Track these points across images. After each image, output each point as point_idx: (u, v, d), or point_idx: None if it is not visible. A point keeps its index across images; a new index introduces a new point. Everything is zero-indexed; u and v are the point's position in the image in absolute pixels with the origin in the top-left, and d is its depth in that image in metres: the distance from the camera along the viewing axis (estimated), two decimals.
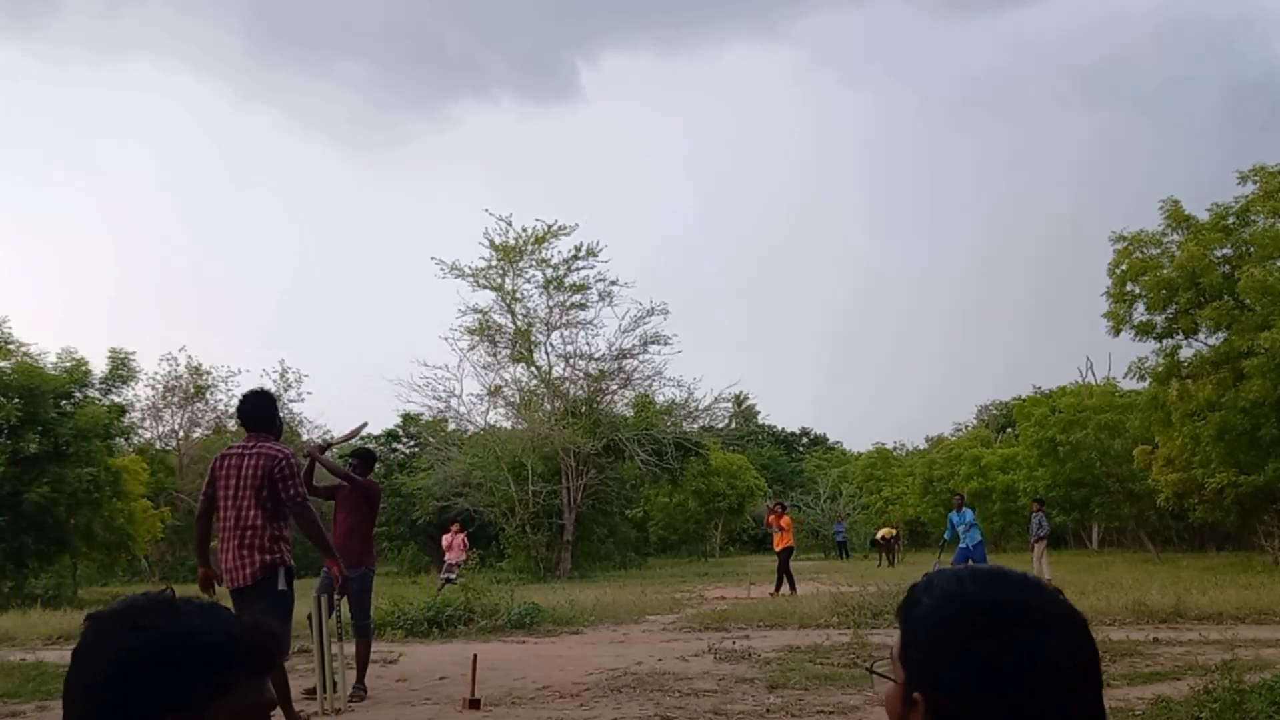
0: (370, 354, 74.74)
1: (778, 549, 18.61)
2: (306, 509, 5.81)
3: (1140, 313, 23.20)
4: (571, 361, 28.86)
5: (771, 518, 19.47)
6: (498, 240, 27.66)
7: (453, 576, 18.22)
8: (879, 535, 34.27)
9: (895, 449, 53.61)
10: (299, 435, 39.05)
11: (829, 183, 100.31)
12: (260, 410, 5.87)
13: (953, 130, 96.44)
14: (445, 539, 19.84)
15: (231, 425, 37.98)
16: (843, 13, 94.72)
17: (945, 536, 18.87)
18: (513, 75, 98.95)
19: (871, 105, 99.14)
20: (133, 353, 24.96)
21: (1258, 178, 21.63)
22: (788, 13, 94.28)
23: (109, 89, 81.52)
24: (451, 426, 31.24)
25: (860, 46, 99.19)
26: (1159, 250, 22.99)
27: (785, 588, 17.55)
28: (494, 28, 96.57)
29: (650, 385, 29.42)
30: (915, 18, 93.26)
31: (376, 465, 34.43)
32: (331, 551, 6.24)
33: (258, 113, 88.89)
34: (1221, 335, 21.77)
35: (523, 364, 28.59)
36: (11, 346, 21.95)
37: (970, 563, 17.31)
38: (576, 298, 27.98)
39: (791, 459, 61.34)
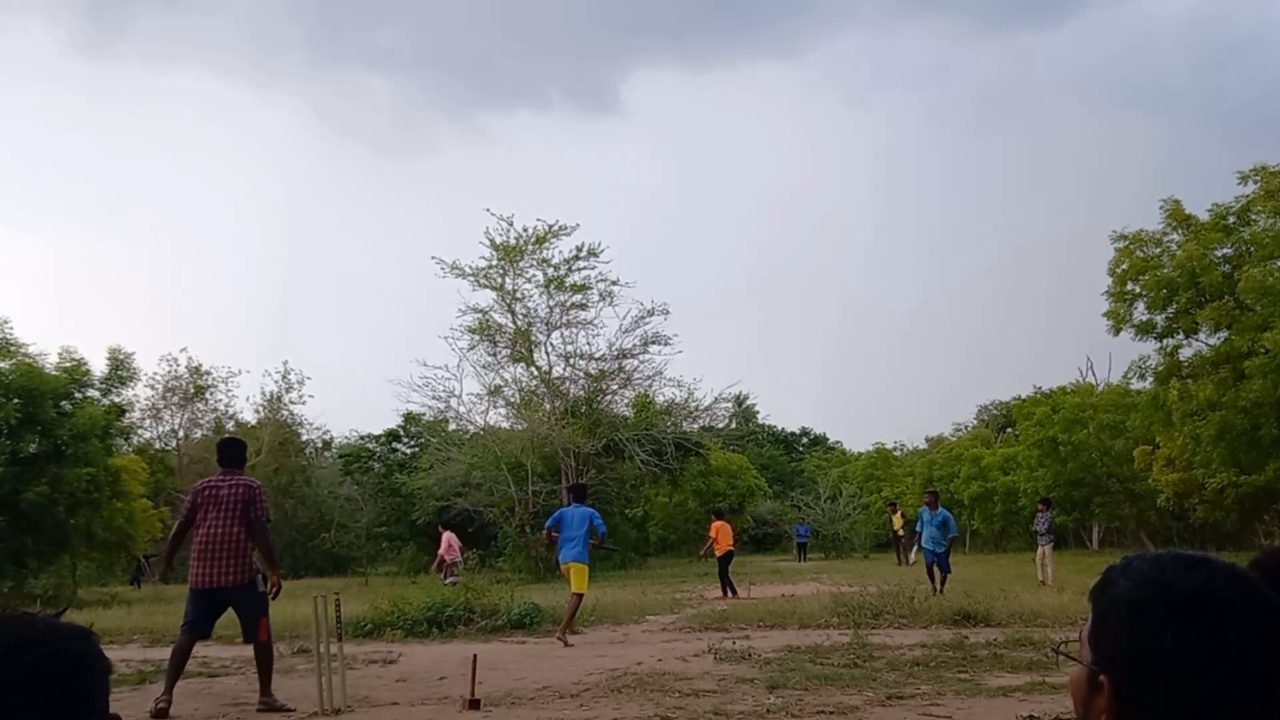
0: (371, 355, 74.73)
1: (718, 554, 18.43)
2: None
3: (1140, 312, 23.21)
4: (571, 361, 28.86)
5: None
6: (498, 240, 27.67)
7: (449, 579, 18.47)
8: (896, 528, 32.63)
9: (895, 449, 53.64)
10: (299, 436, 39.12)
11: (832, 186, 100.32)
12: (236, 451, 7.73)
13: (956, 135, 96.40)
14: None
15: (230, 425, 38.05)
16: (856, 34, 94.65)
17: (917, 528, 17.37)
18: (543, 90, 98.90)
19: (879, 114, 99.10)
20: (132, 353, 24.92)
21: (1259, 177, 21.63)
22: (805, 34, 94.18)
23: (117, 89, 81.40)
24: (452, 426, 31.22)
25: (872, 62, 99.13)
26: (1159, 250, 23.00)
27: (729, 592, 17.65)
28: (524, 44, 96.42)
29: (650, 385, 29.42)
30: (928, 39, 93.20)
31: (376, 465, 34.17)
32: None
33: (279, 111, 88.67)
34: (1222, 335, 21.77)
35: (523, 364, 28.56)
36: (12, 347, 21.92)
37: (936, 566, 15.79)
38: (577, 298, 27.96)
39: (791, 459, 61.36)
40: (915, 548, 18.24)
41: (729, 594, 17.57)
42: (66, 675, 1.18)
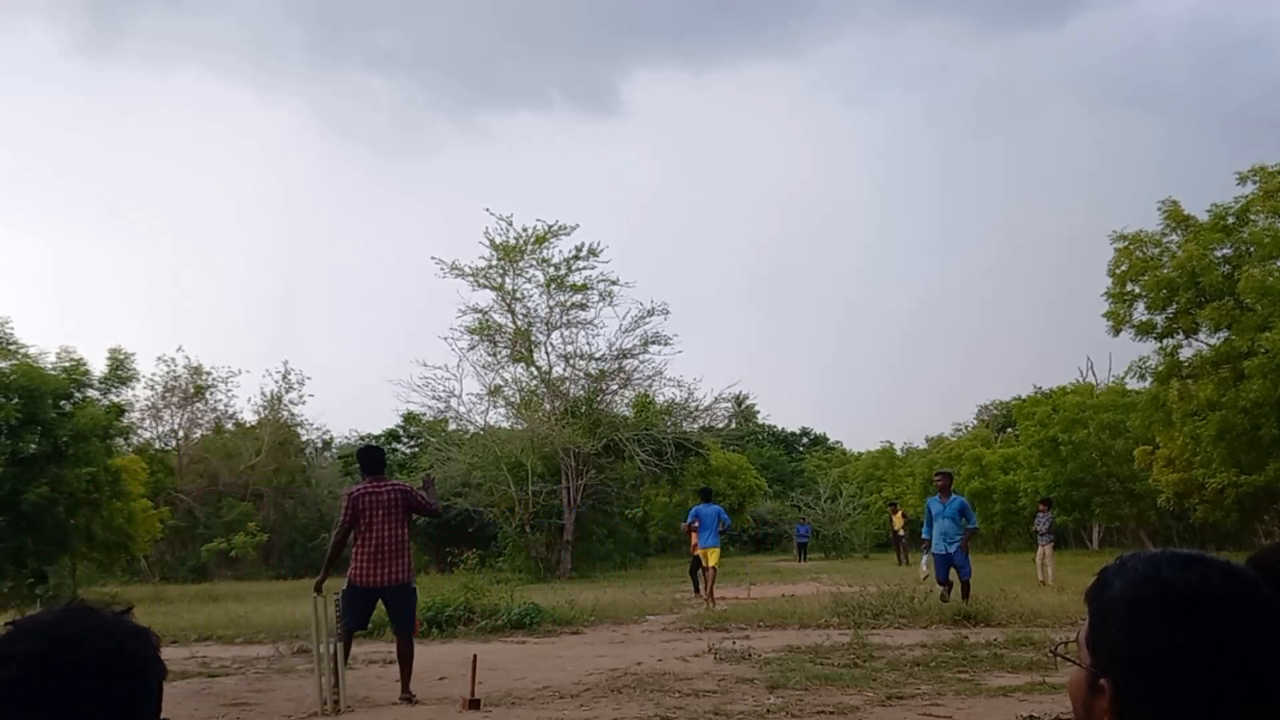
0: (370, 355, 74.74)
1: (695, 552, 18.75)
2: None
3: (1140, 312, 23.21)
4: (571, 361, 28.87)
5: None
6: (498, 240, 27.68)
7: None
8: (897, 527, 32.67)
9: (899, 449, 53.63)
10: (299, 436, 39.14)
11: (833, 186, 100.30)
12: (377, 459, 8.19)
13: (956, 135, 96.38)
14: None
15: (230, 425, 38.01)
16: (856, 34, 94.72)
17: (924, 533, 13.68)
18: (543, 90, 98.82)
19: (880, 115, 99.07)
20: (132, 354, 24.93)
21: (1257, 178, 21.64)
22: (805, 35, 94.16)
23: (117, 89, 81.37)
24: (452, 426, 31.22)
25: (872, 62, 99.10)
26: (1159, 250, 23.00)
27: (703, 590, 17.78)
28: (524, 44, 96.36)
29: (650, 385, 29.42)
30: (928, 39, 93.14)
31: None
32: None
33: (279, 111, 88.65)
34: (1222, 335, 21.78)
35: (523, 364, 28.56)
36: (12, 347, 21.93)
37: (952, 572, 12.74)
38: (577, 298, 27.96)
39: (791, 459, 61.35)
40: (925, 557, 13.75)
41: (700, 592, 17.76)
42: (116, 676, 1.14)
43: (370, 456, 8.25)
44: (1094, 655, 1.10)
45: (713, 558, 16.00)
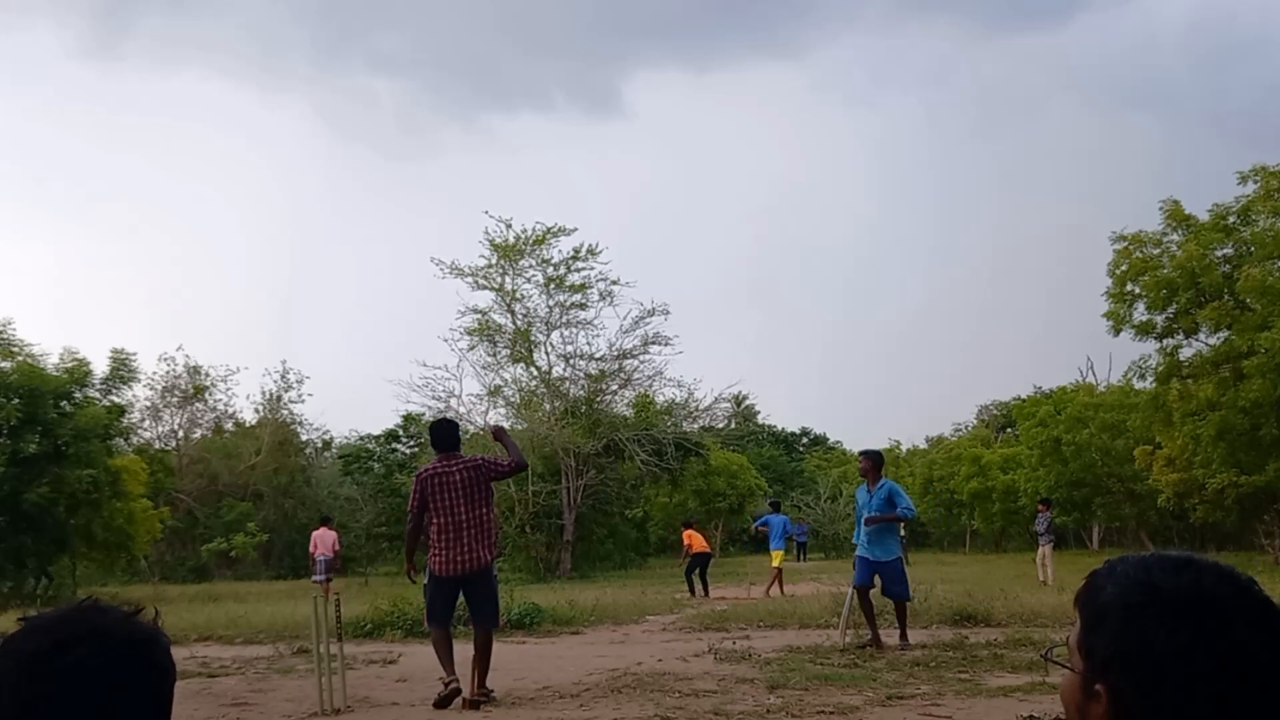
0: (370, 355, 74.73)
1: (694, 551, 19.21)
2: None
3: (1140, 313, 23.22)
4: (571, 361, 28.91)
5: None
6: (497, 240, 27.70)
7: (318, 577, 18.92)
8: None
9: (901, 449, 53.59)
10: (298, 436, 39.13)
11: (834, 186, 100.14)
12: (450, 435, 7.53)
13: (957, 135, 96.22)
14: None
15: (230, 425, 37.97)
16: (858, 36, 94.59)
17: (856, 536, 10.17)
18: (547, 92, 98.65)
19: (879, 114, 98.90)
20: (134, 354, 24.98)
21: (1258, 177, 21.65)
22: (807, 36, 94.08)
23: (122, 91, 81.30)
24: None
25: (874, 64, 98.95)
26: (1159, 250, 23.01)
27: (700, 590, 18.48)
28: (527, 47, 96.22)
29: (650, 385, 29.46)
30: (930, 41, 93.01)
31: (376, 465, 34.22)
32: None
33: (284, 114, 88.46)
34: (1222, 335, 21.79)
35: (522, 364, 28.60)
36: (15, 348, 21.95)
37: (877, 579, 9.67)
38: (577, 298, 28.00)
39: (791, 459, 61.25)
40: (851, 594, 10.02)
41: (695, 593, 18.26)
42: (114, 680, 1.09)
43: (442, 432, 7.52)
44: (1088, 660, 1.10)
45: (777, 559, 18.93)
